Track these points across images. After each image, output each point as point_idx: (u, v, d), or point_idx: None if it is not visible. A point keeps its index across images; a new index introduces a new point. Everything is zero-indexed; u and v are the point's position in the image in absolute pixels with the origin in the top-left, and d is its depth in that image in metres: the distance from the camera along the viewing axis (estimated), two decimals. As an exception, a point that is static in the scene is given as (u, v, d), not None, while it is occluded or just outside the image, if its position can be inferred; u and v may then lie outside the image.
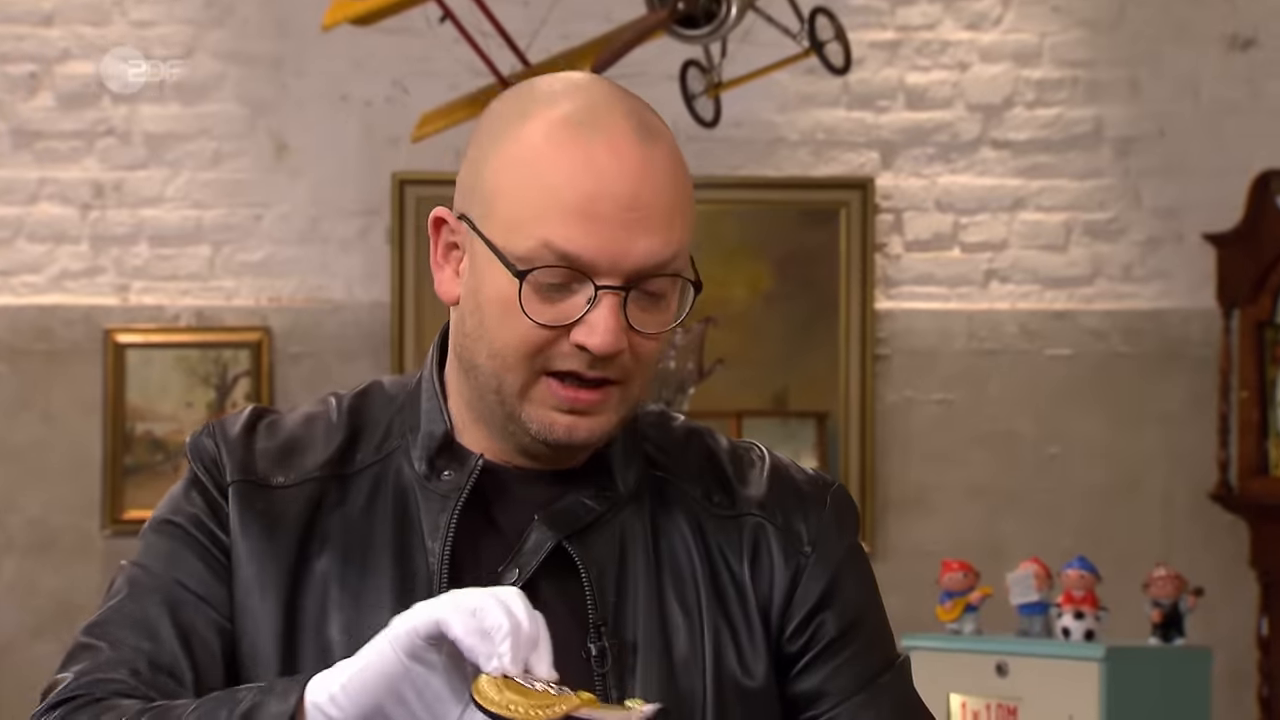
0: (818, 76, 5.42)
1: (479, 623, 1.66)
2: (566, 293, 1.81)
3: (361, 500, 1.90)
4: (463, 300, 1.87)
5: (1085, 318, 5.79)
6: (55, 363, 5.78)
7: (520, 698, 1.69)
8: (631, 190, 1.80)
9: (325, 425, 1.94)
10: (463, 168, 1.88)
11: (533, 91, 1.88)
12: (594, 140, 1.81)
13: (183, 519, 1.90)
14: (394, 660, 1.67)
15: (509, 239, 1.81)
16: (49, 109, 5.81)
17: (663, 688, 1.87)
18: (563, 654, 1.80)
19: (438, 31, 4.99)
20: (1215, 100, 5.77)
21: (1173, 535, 5.54)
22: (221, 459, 1.91)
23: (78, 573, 5.72)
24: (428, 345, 6.57)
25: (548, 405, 1.83)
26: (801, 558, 1.93)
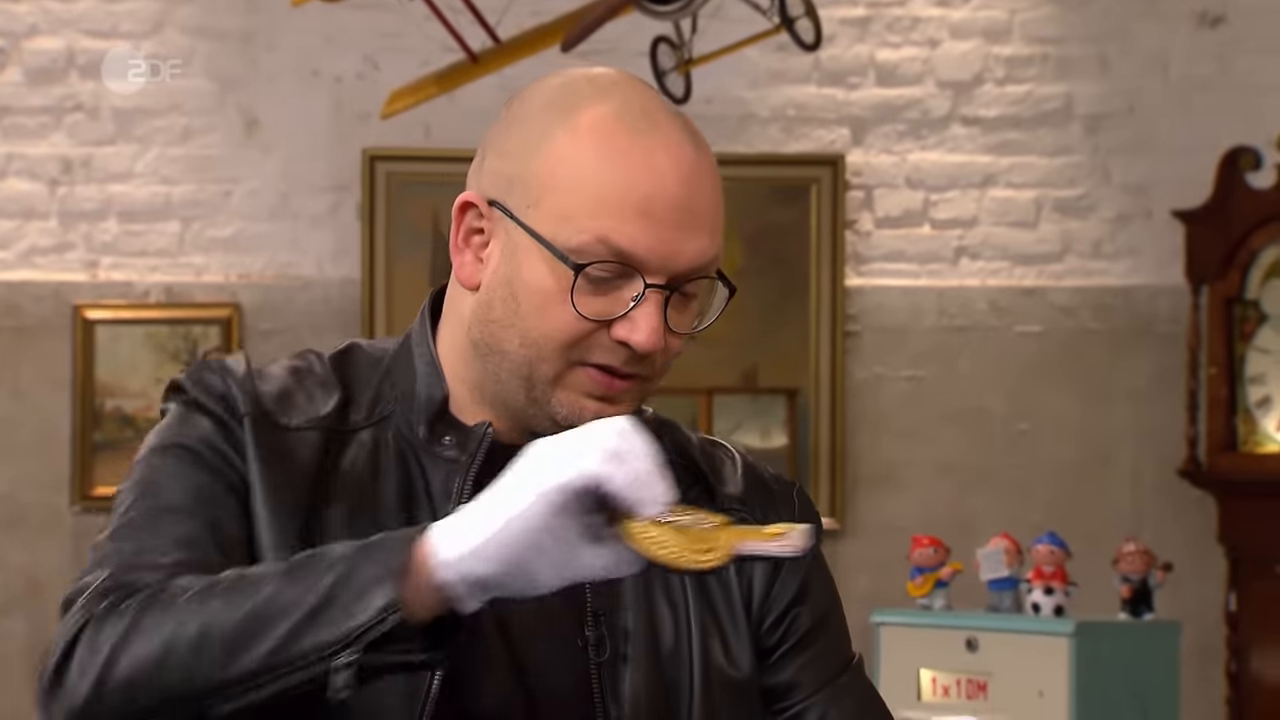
0: (788, 53, 5.42)
1: (632, 471, 1.67)
2: (613, 288, 1.82)
3: (363, 458, 1.89)
4: (488, 287, 1.87)
5: (1055, 294, 5.81)
6: (24, 339, 5.77)
7: (677, 538, 1.70)
8: (686, 192, 1.82)
9: (315, 380, 1.94)
10: (494, 156, 1.88)
11: (577, 86, 1.88)
12: (652, 140, 1.83)
13: (193, 441, 1.87)
14: (541, 516, 1.66)
15: (559, 231, 1.82)
16: (16, 84, 5.81)
17: (651, 677, 1.89)
18: (560, 641, 1.86)
19: (408, 7, 4.99)
20: (1184, 77, 5.79)
21: (1142, 511, 5.56)
22: (232, 392, 1.89)
23: (46, 549, 5.72)
24: (398, 321, 6.59)
25: (580, 392, 1.84)
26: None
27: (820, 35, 5.02)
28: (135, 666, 1.74)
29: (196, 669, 1.73)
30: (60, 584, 6.17)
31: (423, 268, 5.72)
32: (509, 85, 5.43)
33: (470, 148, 6.60)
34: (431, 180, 5.73)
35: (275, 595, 1.72)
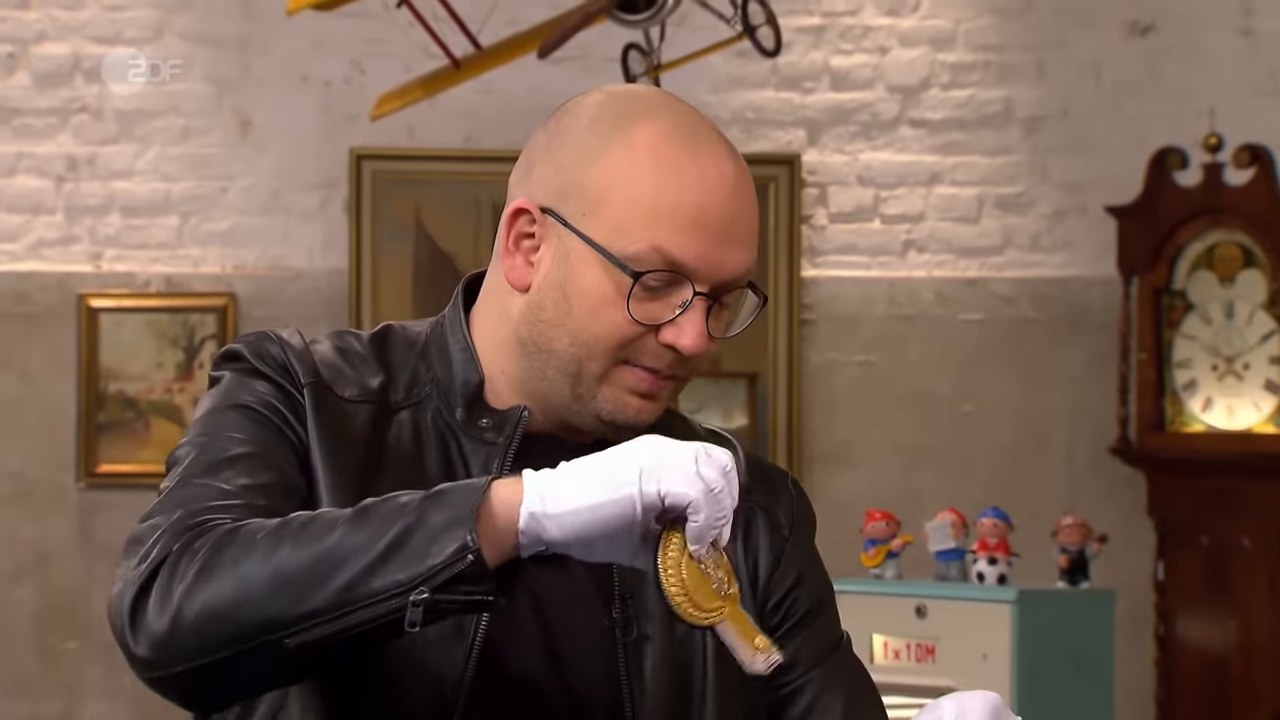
0: (748, 59, 5.40)
1: (715, 516, 1.69)
2: (662, 295, 1.82)
3: (408, 436, 1.87)
4: (540, 289, 1.85)
5: (996, 285, 5.80)
6: (32, 326, 5.74)
7: (691, 584, 1.71)
8: (733, 206, 1.82)
9: (358, 358, 1.91)
10: (544, 166, 1.86)
11: (627, 102, 1.88)
12: (703, 157, 1.82)
13: (254, 402, 1.85)
14: (629, 515, 1.67)
15: (615, 240, 1.81)
16: (25, 87, 5.77)
17: (668, 656, 1.88)
18: (589, 620, 1.85)
19: (394, 15, 4.97)
20: (1116, 82, 5.78)
21: (1077, 487, 5.55)
22: (291, 363, 1.87)
23: (53, 523, 5.69)
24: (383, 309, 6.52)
25: (624, 389, 1.84)
26: (783, 540, 1.97)
27: (780, 42, 5.00)
28: (211, 603, 1.72)
29: (269, 606, 1.71)
30: (66, 555, 6.13)
31: (406, 260, 5.71)
32: (489, 89, 5.41)
33: (450, 148, 6.56)
34: (414, 178, 5.71)
35: (346, 536, 1.70)
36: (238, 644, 1.72)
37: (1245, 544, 5.32)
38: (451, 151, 5.68)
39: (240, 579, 1.71)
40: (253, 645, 1.71)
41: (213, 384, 1.89)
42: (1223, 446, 5.39)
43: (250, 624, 1.71)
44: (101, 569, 5.66)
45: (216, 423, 1.85)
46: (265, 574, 1.71)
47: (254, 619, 1.71)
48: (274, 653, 1.71)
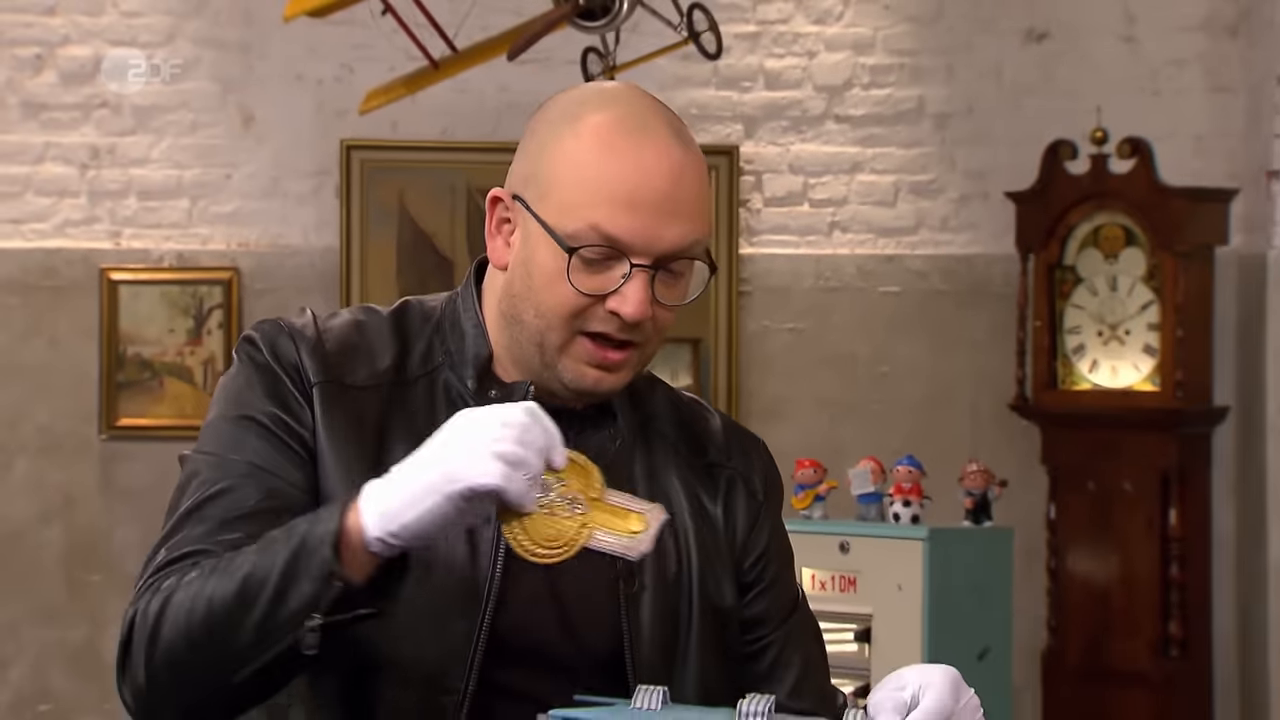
0: (693, 62, 5.40)
1: (522, 482, 1.66)
2: (605, 268, 1.80)
3: (421, 406, 1.85)
4: (512, 267, 1.85)
5: (910, 261, 5.81)
6: (59, 297, 5.73)
7: (533, 531, 1.68)
8: (669, 187, 1.79)
9: (376, 334, 1.89)
10: (518, 157, 1.86)
11: (583, 97, 1.87)
12: (642, 143, 1.80)
13: (260, 415, 1.83)
14: (450, 510, 1.66)
15: (560, 219, 1.80)
16: (52, 84, 5.75)
17: (659, 604, 1.87)
18: (593, 576, 1.83)
19: (379, 22, 4.96)
20: (1015, 83, 5.80)
21: (980, 438, 5.58)
22: (303, 362, 1.85)
23: (78, 471, 5.69)
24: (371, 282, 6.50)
25: (581, 360, 1.82)
26: (758, 505, 1.96)
27: (720, 47, 5.02)
28: (168, 647, 1.73)
29: (207, 645, 1.71)
30: (89, 498, 6.09)
31: (390, 238, 5.70)
32: (464, 87, 5.41)
33: (429, 139, 6.55)
34: (398, 166, 5.70)
35: (253, 569, 1.69)
36: (197, 691, 1.73)
37: (1126, 488, 5.35)
38: (431, 142, 5.67)
39: (183, 623, 1.71)
40: (208, 691, 1.72)
41: (233, 363, 1.88)
42: (1107, 402, 5.42)
43: (203, 671, 1.71)
44: (121, 511, 5.66)
45: (225, 438, 1.83)
46: (200, 615, 1.71)
47: (201, 665, 1.71)
48: (229, 689, 1.71)
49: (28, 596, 5.67)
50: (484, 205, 1.90)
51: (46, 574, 5.66)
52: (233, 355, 1.90)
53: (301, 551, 1.67)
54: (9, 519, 5.68)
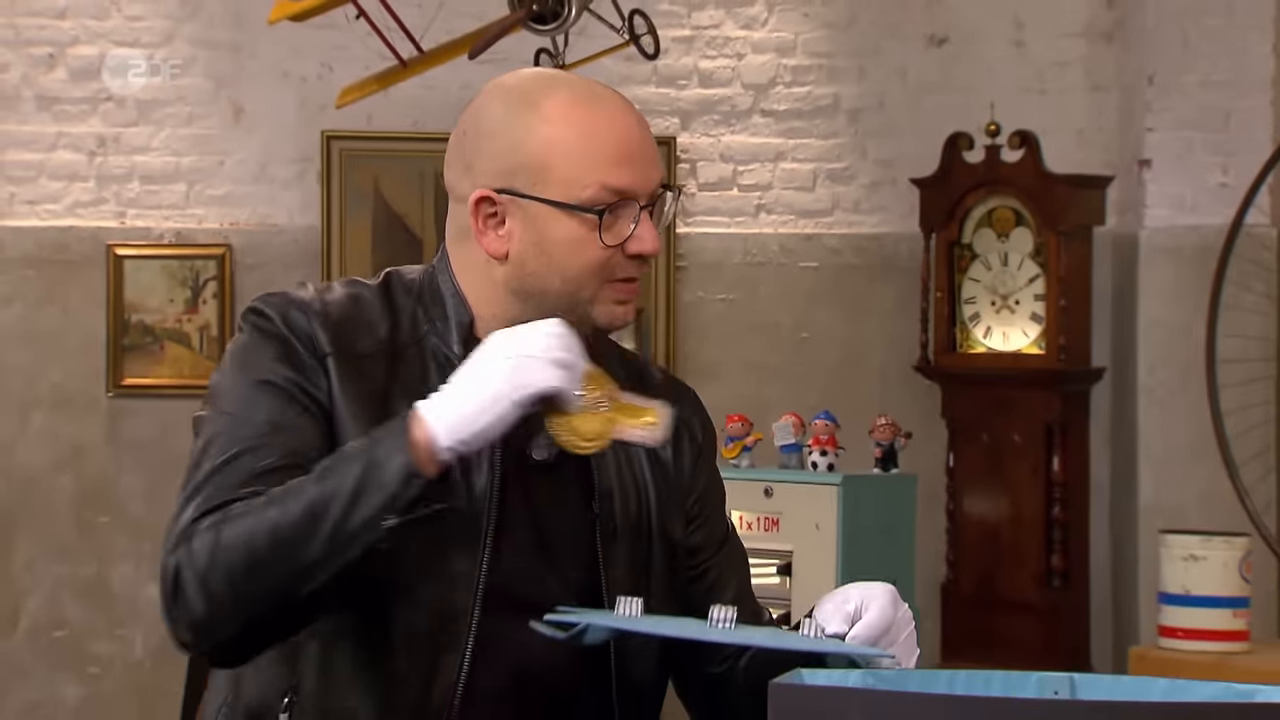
0: (634, 62, 5.38)
1: (571, 378, 1.69)
2: (617, 218, 1.80)
3: (417, 370, 1.82)
4: (518, 251, 1.81)
5: (827, 239, 5.81)
6: (71, 270, 5.67)
7: (575, 425, 1.72)
8: (641, 135, 1.81)
9: (370, 306, 1.85)
10: (483, 159, 1.81)
11: (522, 88, 1.83)
12: (606, 106, 1.81)
13: (279, 379, 1.78)
14: (515, 413, 1.68)
15: (571, 192, 1.78)
16: (63, 80, 5.69)
17: (627, 541, 1.86)
18: (573, 517, 1.83)
19: (355, 26, 4.93)
20: (919, 82, 5.80)
21: (888, 395, 5.59)
22: (315, 332, 1.80)
23: (87, 424, 5.64)
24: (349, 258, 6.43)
25: (610, 302, 1.82)
26: (698, 448, 1.95)
27: (658, 48, 5.01)
28: (230, 574, 1.68)
29: (276, 563, 1.67)
30: (97, 450, 6.03)
31: (366, 219, 5.67)
32: (430, 84, 5.37)
33: (401, 130, 6.50)
34: (372, 154, 5.67)
35: (319, 492, 1.67)
36: (266, 599, 1.68)
37: (1015, 439, 5.37)
38: (402, 133, 5.64)
39: (245, 549, 1.67)
40: (278, 598, 1.68)
41: (241, 332, 1.82)
42: (999, 364, 5.44)
43: (265, 583, 1.68)
44: (126, 460, 5.64)
45: (244, 400, 1.77)
46: (263, 538, 1.67)
47: (267, 578, 1.67)
48: (293, 604, 1.68)
49: (43, 536, 5.64)
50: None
51: (60, 516, 5.64)
52: (238, 326, 1.84)
53: (371, 466, 1.66)
54: (26, 467, 5.64)
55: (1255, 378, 5.23)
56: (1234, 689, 1.60)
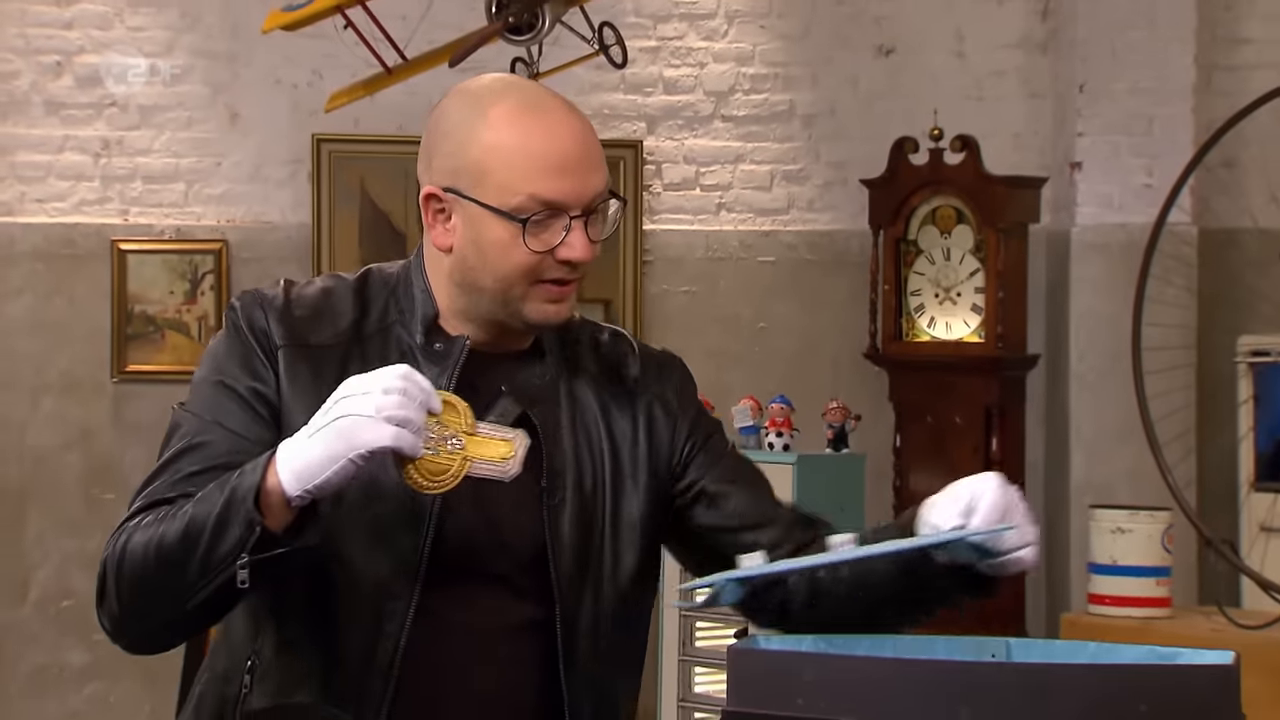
0: (604, 70, 5.37)
1: (410, 436, 1.64)
2: (547, 226, 1.76)
3: (376, 357, 1.81)
4: (459, 247, 1.80)
5: (784, 235, 5.81)
6: (77, 263, 5.64)
7: (423, 471, 1.66)
8: (579, 148, 1.77)
9: (340, 298, 1.85)
10: (437, 157, 1.80)
11: (477, 93, 1.81)
12: (546, 117, 1.77)
13: (233, 382, 1.80)
14: (354, 467, 1.65)
15: (503, 198, 1.76)
16: (70, 87, 5.66)
17: (577, 515, 1.84)
18: (521, 490, 1.79)
19: (343, 36, 4.92)
20: (868, 90, 5.80)
21: (840, 380, 5.59)
22: (270, 328, 1.81)
23: (93, 406, 5.62)
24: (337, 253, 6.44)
25: (541, 300, 1.79)
26: (674, 412, 1.92)
27: (626, 58, 5.00)
28: (130, 583, 1.73)
29: (162, 580, 1.70)
30: (102, 431, 6.02)
31: (354, 216, 5.66)
32: (413, 90, 5.35)
33: (386, 133, 6.50)
34: (359, 156, 5.65)
35: (193, 518, 1.69)
36: (159, 616, 1.73)
37: (957, 421, 5.39)
38: (387, 136, 5.62)
39: (142, 565, 1.72)
40: (169, 615, 1.72)
41: (223, 326, 1.85)
42: (942, 351, 5.45)
43: (158, 600, 1.72)
44: (130, 440, 5.62)
45: (202, 399, 1.81)
46: (153, 559, 1.71)
47: (159, 596, 1.71)
48: (185, 612, 1.71)
49: (52, 512, 5.62)
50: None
51: (68, 493, 5.61)
52: (224, 319, 1.88)
53: (231, 502, 1.66)
54: (37, 447, 5.62)
55: (1177, 365, 5.25)
56: (1157, 651, 1.61)
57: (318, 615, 1.78)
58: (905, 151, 5.50)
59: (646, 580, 1.90)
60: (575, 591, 1.82)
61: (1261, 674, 2.86)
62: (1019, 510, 1.73)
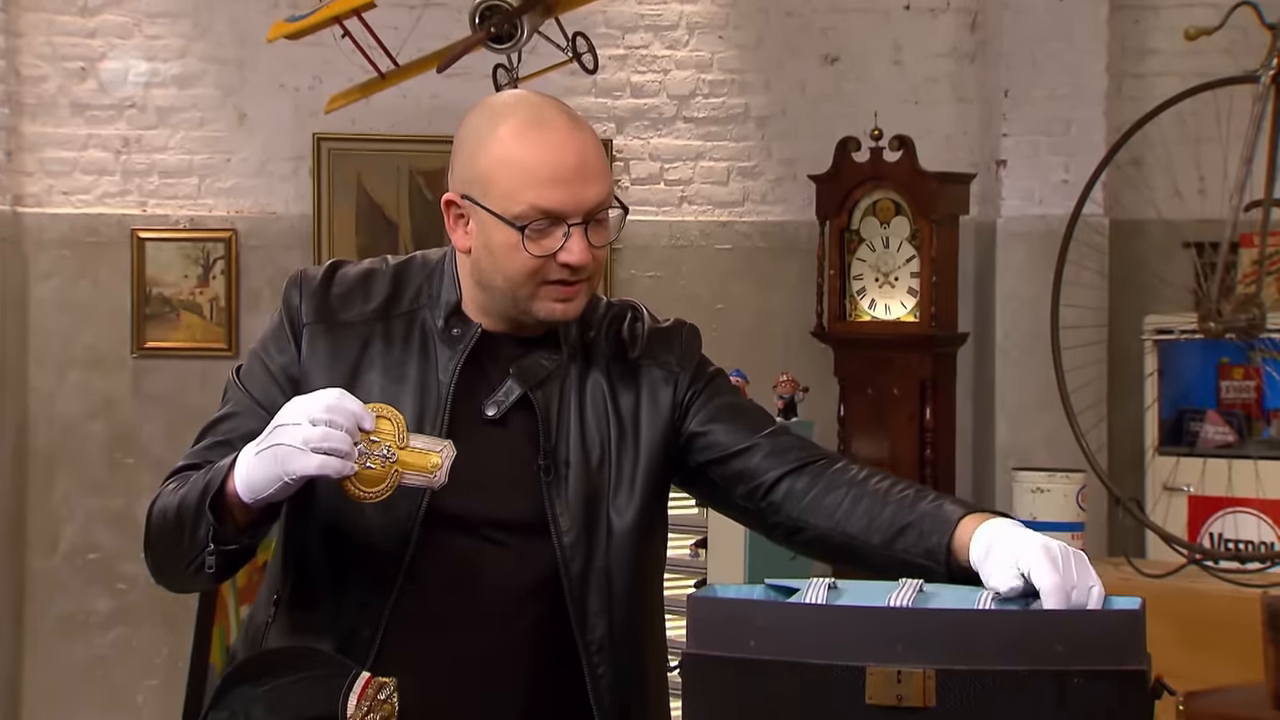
0: (577, 76, 5.35)
1: (339, 459, 1.64)
2: (549, 233, 1.75)
3: (399, 337, 1.81)
4: (475, 250, 1.80)
5: (739, 226, 5.81)
6: (100, 250, 5.60)
7: (358, 483, 1.65)
8: (578, 161, 1.74)
9: (379, 279, 1.85)
10: (456, 165, 1.80)
11: (493, 107, 1.80)
12: (548, 132, 1.75)
13: (264, 355, 1.83)
14: (291, 487, 1.65)
15: (506, 206, 1.75)
16: (93, 90, 5.62)
17: (583, 484, 1.81)
18: (519, 464, 1.79)
19: (340, 44, 4.89)
20: (815, 94, 5.80)
21: (790, 356, 5.60)
22: (301, 305, 1.81)
23: (115, 380, 5.58)
24: (336, 242, 6.42)
25: (548, 300, 1.78)
26: (674, 374, 1.89)
27: (597, 64, 4.99)
28: (152, 541, 1.77)
29: (170, 545, 1.73)
30: (123, 402, 5.98)
31: (350, 208, 5.63)
32: (405, 93, 5.34)
33: (380, 132, 6.46)
34: (356, 153, 5.62)
35: (185, 497, 1.71)
36: (173, 569, 1.76)
37: (895, 392, 5.40)
38: (381, 135, 5.60)
39: (157, 529, 1.76)
40: (179, 571, 1.75)
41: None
42: (881, 330, 5.46)
43: (171, 559, 1.75)
44: (148, 411, 5.60)
45: (247, 372, 1.83)
46: (161, 525, 1.75)
47: (171, 556, 1.75)
48: (189, 573, 1.73)
49: (78, 474, 5.59)
50: (422, 184, 1.87)
51: (92, 458, 5.59)
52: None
53: (202, 498, 1.68)
54: (64, 416, 5.58)
55: (1090, 341, 5.28)
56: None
57: (327, 569, 1.79)
58: (849, 150, 5.50)
59: (651, 531, 1.86)
60: (581, 557, 1.79)
61: (1165, 618, 2.88)
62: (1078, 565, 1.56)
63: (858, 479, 1.82)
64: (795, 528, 1.82)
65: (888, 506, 1.75)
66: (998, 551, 1.59)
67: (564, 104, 1.82)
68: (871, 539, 1.75)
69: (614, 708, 1.79)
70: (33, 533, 5.58)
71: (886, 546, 1.74)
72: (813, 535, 1.80)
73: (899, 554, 1.72)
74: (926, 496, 1.75)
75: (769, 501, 1.83)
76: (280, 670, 1.62)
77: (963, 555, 1.65)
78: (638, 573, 1.83)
